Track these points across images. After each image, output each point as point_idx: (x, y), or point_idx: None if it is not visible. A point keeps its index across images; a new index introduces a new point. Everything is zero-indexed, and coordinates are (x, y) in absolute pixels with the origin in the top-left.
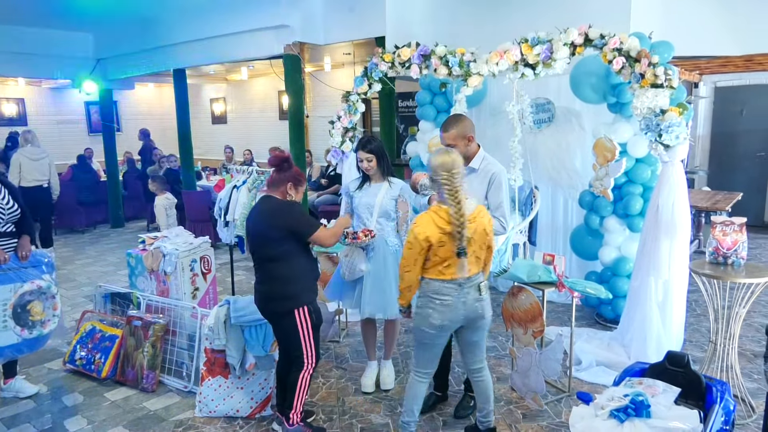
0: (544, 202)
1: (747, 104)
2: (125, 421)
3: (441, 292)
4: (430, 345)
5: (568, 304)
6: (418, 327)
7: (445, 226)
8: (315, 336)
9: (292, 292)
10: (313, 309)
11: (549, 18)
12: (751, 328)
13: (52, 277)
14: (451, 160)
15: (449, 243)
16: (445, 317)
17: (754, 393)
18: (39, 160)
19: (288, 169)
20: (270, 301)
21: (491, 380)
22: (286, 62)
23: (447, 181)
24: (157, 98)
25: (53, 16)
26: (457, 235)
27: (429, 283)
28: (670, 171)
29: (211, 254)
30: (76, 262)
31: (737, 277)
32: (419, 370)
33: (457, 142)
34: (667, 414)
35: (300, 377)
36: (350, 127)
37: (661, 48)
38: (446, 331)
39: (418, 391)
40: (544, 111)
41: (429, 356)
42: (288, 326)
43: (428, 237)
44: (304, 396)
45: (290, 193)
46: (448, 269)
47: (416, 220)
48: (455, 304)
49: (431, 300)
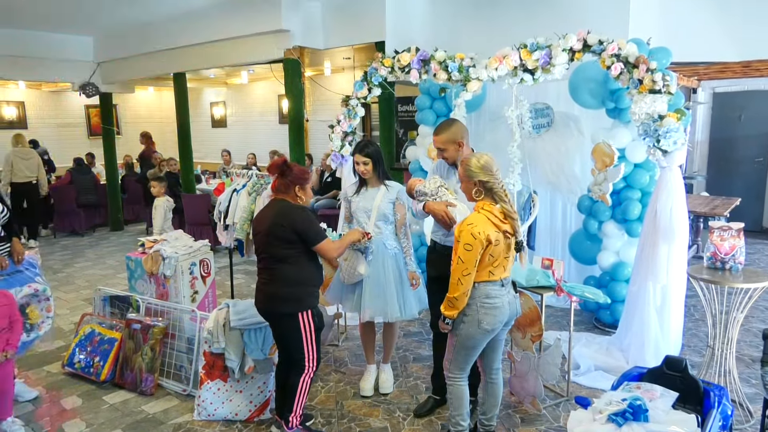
0: (543, 207)
1: (745, 110)
2: (124, 424)
3: (490, 295)
4: (474, 349)
5: (567, 309)
6: (467, 334)
7: (500, 223)
8: (317, 340)
9: (297, 294)
10: (316, 313)
11: (548, 24)
12: (749, 333)
13: (43, 278)
14: (492, 160)
15: (503, 242)
16: (496, 320)
17: (752, 398)
18: (28, 159)
19: (290, 172)
20: (275, 301)
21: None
22: (286, 66)
23: (496, 180)
24: (156, 102)
25: (53, 20)
26: (517, 229)
27: (477, 287)
28: (668, 176)
29: (210, 257)
30: (75, 265)
31: (735, 282)
32: (460, 374)
33: (447, 146)
34: (665, 418)
35: (301, 381)
36: (350, 131)
37: (660, 54)
38: (494, 333)
39: (463, 393)
40: (543, 116)
41: (470, 360)
42: (291, 329)
43: (489, 236)
44: (304, 399)
45: (299, 195)
46: (497, 270)
47: (470, 219)
48: (503, 305)
49: (482, 305)
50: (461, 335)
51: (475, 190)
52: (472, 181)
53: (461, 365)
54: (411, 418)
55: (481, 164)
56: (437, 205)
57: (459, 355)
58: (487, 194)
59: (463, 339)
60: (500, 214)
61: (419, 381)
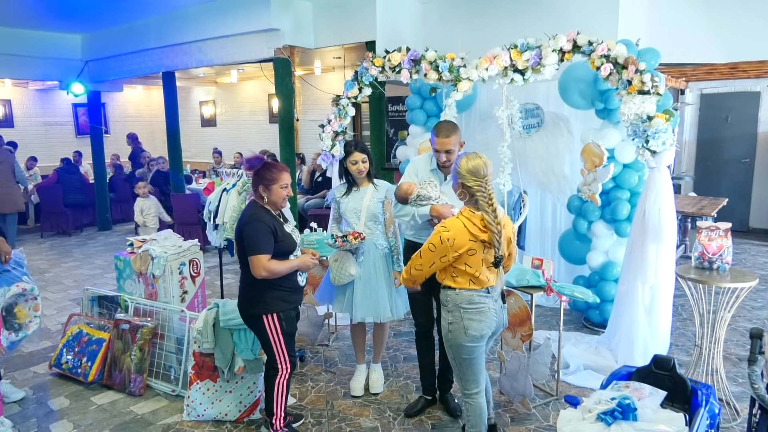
0: (533, 207)
1: (732, 111)
2: (112, 425)
3: (473, 300)
4: (471, 360)
5: (557, 308)
6: (457, 343)
7: (479, 233)
8: (288, 342)
9: (259, 297)
10: (284, 317)
11: (538, 24)
12: (736, 333)
13: (30, 277)
14: (483, 164)
15: (480, 251)
16: (483, 324)
17: (739, 396)
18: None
19: (257, 171)
20: (241, 302)
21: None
22: (276, 65)
23: (481, 187)
24: (145, 101)
25: (41, 18)
26: (496, 243)
27: (459, 293)
28: (656, 177)
29: (200, 257)
30: (62, 265)
31: (722, 282)
32: (474, 390)
33: (456, 148)
34: (653, 417)
35: (276, 383)
36: (340, 130)
37: (648, 55)
38: (484, 340)
39: (481, 408)
40: (533, 116)
41: (475, 372)
42: (258, 330)
43: (455, 243)
44: (283, 401)
45: (263, 195)
46: (477, 279)
47: (445, 223)
48: (488, 310)
49: (465, 311)
50: (453, 348)
51: (460, 192)
52: (459, 182)
53: (469, 377)
54: (401, 417)
55: (469, 167)
56: (443, 207)
57: (462, 368)
58: (471, 200)
59: (455, 351)
60: (480, 222)
61: (409, 381)
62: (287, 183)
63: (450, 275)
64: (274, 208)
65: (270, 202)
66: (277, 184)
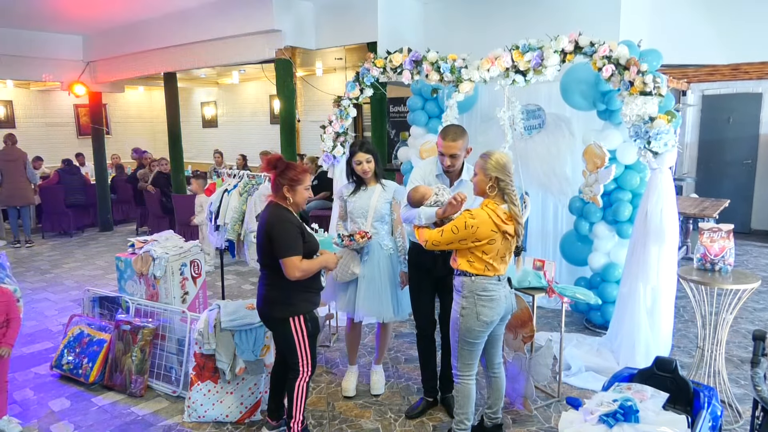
0: (535, 208)
1: (734, 112)
2: (113, 426)
3: (487, 288)
4: (475, 344)
5: (558, 310)
6: (467, 327)
7: (502, 224)
8: (311, 344)
9: (288, 299)
10: (310, 318)
11: (540, 25)
12: (738, 334)
13: (12, 279)
14: (509, 161)
15: (499, 242)
16: (494, 312)
17: (741, 398)
18: None
19: (281, 171)
20: (267, 305)
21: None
22: (277, 66)
23: (511, 181)
24: (147, 101)
25: (43, 19)
26: (520, 233)
27: (475, 281)
28: (658, 178)
29: (201, 258)
30: (63, 266)
31: (724, 284)
32: (467, 373)
33: (462, 153)
34: (656, 419)
35: (296, 385)
36: (342, 131)
37: (650, 56)
38: (492, 327)
39: (470, 391)
40: (534, 117)
41: (474, 355)
42: (283, 333)
43: (478, 231)
44: (303, 404)
45: (288, 196)
46: (492, 267)
47: (472, 211)
48: (499, 297)
49: (479, 297)
50: (462, 330)
51: (490, 185)
52: (489, 176)
53: (467, 361)
54: (402, 419)
55: (502, 163)
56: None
57: (463, 351)
58: (499, 193)
59: (464, 333)
60: (504, 214)
61: (411, 382)
62: (309, 184)
63: (467, 260)
64: (296, 209)
65: (293, 203)
66: (302, 185)
